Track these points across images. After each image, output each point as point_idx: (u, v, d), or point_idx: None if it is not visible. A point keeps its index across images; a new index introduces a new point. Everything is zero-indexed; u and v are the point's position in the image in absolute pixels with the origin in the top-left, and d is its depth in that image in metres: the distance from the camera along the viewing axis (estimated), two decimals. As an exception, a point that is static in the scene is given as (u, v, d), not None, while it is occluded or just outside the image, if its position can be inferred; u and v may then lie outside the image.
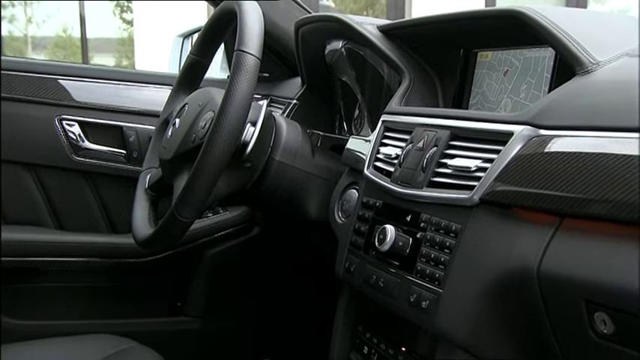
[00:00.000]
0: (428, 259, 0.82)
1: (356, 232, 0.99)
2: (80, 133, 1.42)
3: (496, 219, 0.75)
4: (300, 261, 1.54)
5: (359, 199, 1.02)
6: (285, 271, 1.57)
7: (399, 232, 0.88)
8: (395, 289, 0.87)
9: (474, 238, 0.77)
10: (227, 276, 1.54)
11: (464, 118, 0.86)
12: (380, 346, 0.94)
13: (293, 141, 1.15)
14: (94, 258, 1.40)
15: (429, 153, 0.87)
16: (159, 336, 1.40)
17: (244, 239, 1.54)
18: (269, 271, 1.57)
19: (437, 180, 0.85)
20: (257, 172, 1.13)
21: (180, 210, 0.98)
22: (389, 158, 0.97)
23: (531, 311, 0.70)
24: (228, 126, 0.94)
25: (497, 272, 0.73)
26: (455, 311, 0.77)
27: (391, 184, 0.92)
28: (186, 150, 1.06)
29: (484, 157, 0.79)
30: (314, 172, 1.16)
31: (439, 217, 0.83)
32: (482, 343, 0.76)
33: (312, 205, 1.16)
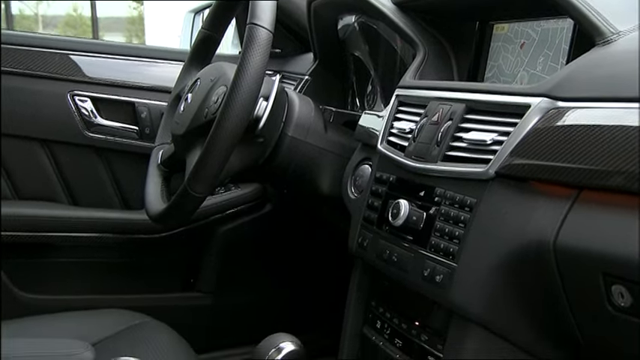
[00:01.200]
0: (442, 234, 0.82)
1: (369, 207, 0.99)
2: (92, 108, 1.42)
3: (512, 193, 0.74)
4: (312, 237, 1.55)
5: (372, 174, 1.02)
6: (297, 247, 1.58)
7: (413, 207, 0.87)
8: (408, 264, 0.86)
9: (490, 212, 0.76)
10: (239, 252, 1.54)
11: (480, 90, 0.84)
12: (393, 320, 0.94)
13: (306, 116, 1.14)
14: (106, 234, 1.41)
15: (443, 127, 0.86)
16: (172, 311, 1.41)
17: (256, 216, 1.54)
18: (281, 247, 1.57)
19: (452, 154, 0.84)
20: (269, 147, 1.12)
21: (193, 185, 0.98)
22: (403, 133, 0.96)
23: (547, 285, 0.70)
24: (241, 100, 0.93)
25: (512, 246, 0.73)
26: (469, 285, 0.77)
27: (405, 159, 0.91)
28: (199, 125, 1.06)
29: (500, 130, 0.78)
30: (327, 148, 1.15)
31: (454, 192, 0.82)
32: (497, 318, 0.76)
33: (325, 181, 1.16)
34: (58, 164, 1.40)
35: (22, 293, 1.35)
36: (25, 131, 1.36)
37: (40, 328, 1.13)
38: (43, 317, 1.19)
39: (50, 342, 0.80)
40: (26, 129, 1.37)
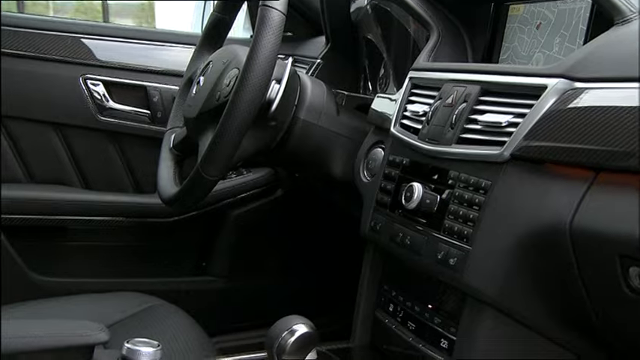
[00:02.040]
0: (456, 217, 0.81)
1: (382, 191, 0.98)
2: (105, 92, 1.42)
3: (527, 175, 0.74)
4: (323, 221, 1.54)
5: (385, 157, 1.01)
6: (309, 231, 1.58)
7: (427, 190, 0.87)
8: (422, 247, 0.86)
9: (505, 195, 0.76)
10: (251, 236, 1.54)
11: (495, 72, 0.83)
12: (406, 303, 0.94)
13: (318, 99, 1.14)
14: (119, 217, 1.41)
15: (458, 109, 0.85)
16: (184, 295, 1.42)
17: (268, 201, 1.54)
18: (292, 231, 1.57)
19: (466, 136, 0.83)
20: (282, 131, 1.12)
21: (205, 168, 0.98)
22: (416, 115, 0.95)
23: (562, 268, 0.69)
24: (254, 82, 0.93)
25: (528, 229, 0.72)
26: (484, 268, 0.76)
27: (419, 142, 0.91)
28: (211, 108, 1.06)
29: (516, 112, 0.77)
30: (339, 131, 1.15)
31: (468, 174, 0.81)
32: (512, 300, 0.75)
33: (337, 165, 1.15)
34: (70, 148, 1.41)
35: (36, 276, 1.36)
36: (39, 115, 1.37)
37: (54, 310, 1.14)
38: (57, 299, 1.20)
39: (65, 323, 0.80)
40: (40, 113, 1.37)
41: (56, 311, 1.13)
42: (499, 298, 0.76)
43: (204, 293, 1.52)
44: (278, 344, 0.79)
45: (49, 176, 1.40)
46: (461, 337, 0.81)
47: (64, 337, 0.75)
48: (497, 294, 0.75)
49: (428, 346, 0.87)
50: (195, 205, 1.14)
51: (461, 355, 0.80)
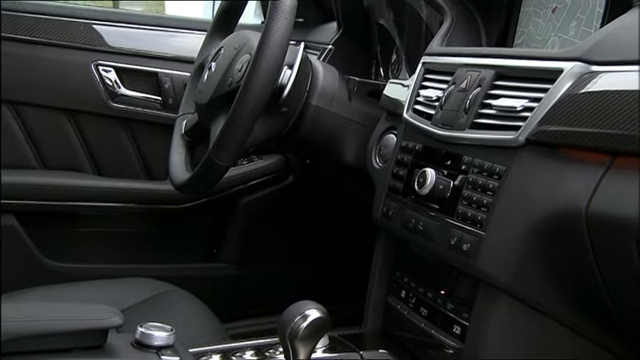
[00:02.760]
0: (470, 202, 0.81)
1: (394, 177, 0.98)
2: (116, 79, 1.42)
3: (542, 160, 0.73)
4: (335, 208, 1.54)
5: (397, 143, 1.01)
6: (320, 218, 1.58)
7: (440, 176, 0.86)
8: (435, 233, 0.86)
9: (519, 180, 0.75)
10: (262, 223, 1.55)
11: (510, 56, 0.83)
12: (418, 289, 0.94)
13: (330, 85, 1.13)
14: (130, 204, 1.42)
15: (472, 94, 0.84)
16: (196, 281, 1.42)
17: (278, 188, 1.54)
18: (304, 218, 1.57)
19: (480, 121, 0.82)
20: (293, 117, 1.11)
21: (217, 153, 0.98)
22: (429, 101, 0.94)
23: (578, 253, 0.69)
24: (266, 67, 0.93)
25: (542, 214, 0.71)
26: (498, 254, 0.76)
27: (432, 127, 0.90)
28: (223, 93, 1.05)
29: (531, 96, 0.76)
30: (351, 117, 1.14)
31: (482, 159, 0.80)
32: (526, 287, 0.75)
33: (349, 151, 1.15)
34: (82, 134, 1.41)
35: (49, 261, 1.37)
36: (51, 101, 1.37)
37: (67, 295, 1.15)
38: (70, 285, 1.21)
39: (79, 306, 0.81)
40: (52, 99, 1.37)
41: (69, 296, 1.14)
42: (513, 284, 0.75)
43: (216, 280, 1.52)
44: (290, 329, 0.79)
45: (62, 162, 1.40)
46: (474, 323, 0.81)
47: (78, 320, 0.75)
48: (511, 280, 0.75)
49: (440, 332, 0.87)
50: (207, 190, 1.14)
51: (474, 340, 0.80)
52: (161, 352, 0.79)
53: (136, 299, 1.16)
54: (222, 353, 0.90)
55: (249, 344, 0.93)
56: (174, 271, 1.46)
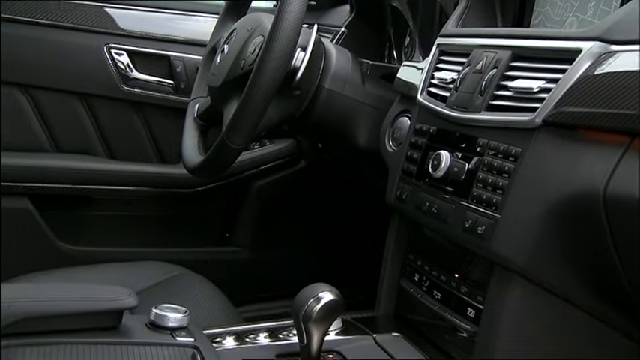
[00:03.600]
0: (485, 185, 0.80)
1: (408, 160, 0.97)
2: (129, 62, 1.42)
3: (559, 141, 0.72)
4: (347, 192, 1.54)
5: (411, 126, 1.00)
6: (333, 202, 1.57)
7: (454, 158, 0.86)
8: (449, 215, 0.85)
9: (535, 162, 0.74)
10: (274, 208, 1.55)
11: (526, 36, 0.81)
12: (432, 272, 0.94)
13: (343, 68, 1.12)
14: (143, 187, 1.42)
15: (488, 75, 0.83)
16: (208, 265, 1.43)
17: (291, 172, 1.54)
18: (316, 202, 1.57)
19: (496, 103, 0.81)
20: (306, 100, 1.11)
21: (230, 136, 0.98)
22: (444, 83, 0.94)
23: (595, 236, 0.68)
24: (279, 49, 0.92)
25: (559, 196, 0.71)
26: (513, 236, 0.75)
27: (446, 109, 0.89)
28: (236, 76, 1.05)
29: (548, 77, 0.75)
30: (364, 101, 1.14)
31: (498, 142, 0.80)
32: (541, 269, 0.74)
33: (362, 134, 1.14)
34: (95, 118, 1.41)
35: (63, 244, 1.38)
36: (64, 84, 1.37)
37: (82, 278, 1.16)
38: (84, 267, 1.22)
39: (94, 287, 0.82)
40: (65, 82, 1.37)
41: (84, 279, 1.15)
42: (528, 267, 0.75)
43: (229, 263, 1.53)
44: (304, 311, 0.79)
45: (75, 146, 1.41)
46: (488, 306, 0.80)
47: (94, 301, 0.76)
48: (527, 262, 0.75)
49: (454, 315, 0.87)
50: (220, 174, 1.14)
51: (488, 323, 0.80)
52: (175, 333, 0.80)
53: (149, 282, 1.17)
54: (236, 335, 0.90)
55: (262, 326, 0.93)
56: (186, 254, 1.46)
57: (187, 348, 0.77)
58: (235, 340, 0.89)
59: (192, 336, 0.80)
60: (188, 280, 1.22)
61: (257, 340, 0.89)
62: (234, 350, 0.87)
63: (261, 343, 0.89)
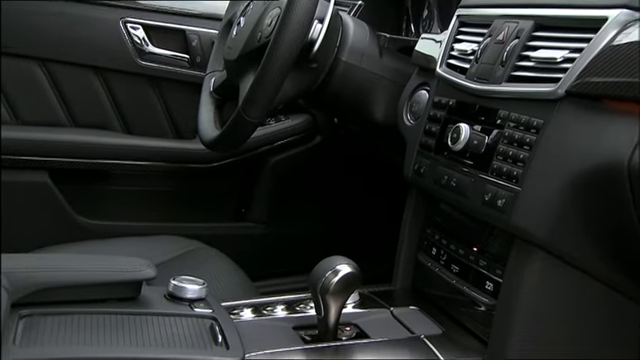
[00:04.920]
0: (505, 157, 0.79)
1: (426, 133, 0.96)
2: (144, 36, 1.41)
3: (583, 112, 0.71)
4: (363, 167, 1.53)
5: (430, 99, 0.99)
6: (348, 177, 1.57)
7: (474, 131, 0.85)
8: (468, 189, 0.84)
9: (558, 134, 0.73)
10: (290, 183, 1.55)
11: (550, 5, 0.80)
12: (450, 246, 0.93)
13: (360, 41, 1.11)
14: (159, 162, 1.42)
15: (509, 46, 0.82)
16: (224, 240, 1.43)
17: (306, 147, 1.53)
18: (332, 178, 1.57)
19: (517, 74, 0.80)
20: (323, 73, 1.10)
21: (247, 110, 0.97)
22: (464, 54, 0.92)
23: (618, 206, 0.67)
24: (296, 21, 0.91)
25: (582, 168, 0.70)
26: (534, 209, 0.74)
27: (466, 81, 0.88)
28: (252, 49, 1.04)
29: (572, 46, 0.74)
30: (382, 74, 1.12)
31: (519, 113, 0.79)
32: (562, 241, 0.74)
33: (379, 108, 1.13)
34: (112, 92, 1.41)
35: (81, 218, 1.39)
36: (80, 58, 1.37)
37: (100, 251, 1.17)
38: (102, 241, 1.23)
39: (114, 259, 0.82)
40: (81, 56, 1.37)
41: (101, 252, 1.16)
42: (549, 239, 0.74)
43: (244, 239, 1.53)
44: (322, 284, 0.79)
45: (92, 120, 1.41)
46: (507, 279, 0.80)
47: (113, 272, 0.76)
48: (547, 235, 0.74)
49: (472, 289, 0.87)
50: (237, 148, 1.14)
51: (507, 297, 0.79)
52: (194, 305, 0.80)
53: (167, 256, 1.18)
54: (254, 307, 0.90)
55: (279, 299, 0.94)
56: (202, 229, 1.47)
57: (205, 319, 0.78)
58: (253, 313, 0.89)
59: (210, 307, 0.80)
60: (205, 254, 1.23)
61: (274, 313, 0.90)
62: (251, 322, 0.87)
63: (279, 316, 0.89)
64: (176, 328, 0.74)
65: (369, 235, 1.57)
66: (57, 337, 0.67)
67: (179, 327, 0.74)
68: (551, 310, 0.77)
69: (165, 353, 0.69)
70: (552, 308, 0.77)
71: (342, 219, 1.59)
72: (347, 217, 1.60)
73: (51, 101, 1.37)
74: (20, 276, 0.69)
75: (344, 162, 1.55)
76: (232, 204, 1.56)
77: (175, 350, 0.70)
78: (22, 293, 0.69)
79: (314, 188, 1.58)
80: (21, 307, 0.69)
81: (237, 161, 1.48)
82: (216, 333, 0.74)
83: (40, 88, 1.36)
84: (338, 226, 1.59)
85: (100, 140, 1.38)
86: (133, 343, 0.69)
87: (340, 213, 1.60)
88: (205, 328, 0.75)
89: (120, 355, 0.67)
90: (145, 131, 1.44)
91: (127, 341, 0.69)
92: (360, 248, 1.42)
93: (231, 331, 0.76)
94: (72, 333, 0.68)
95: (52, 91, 1.37)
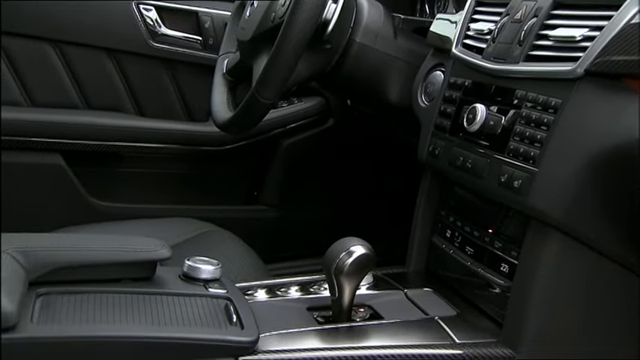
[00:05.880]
0: (522, 138, 0.78)
1: (441, 114, 0.96)
2: (157, 17, 1.40)
3: (602, 91, 0.70)
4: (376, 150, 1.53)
5: (445, 80, 0.98)
6: (361, 160, 1.56)
7: (490, 111, 0.84)
8: (484, 170, 0.84)
9: (576, 113, 0.72)
10: (303, 166, 1.54)
11: (569, -17, 0.78)
12: (464, 228, 0.93)
13: (374, 22, 1.10)
14: (172, 145, 1.42)
15: (527, 24, 0.81)
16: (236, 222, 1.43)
17: (319, 130, 1.53)
18: (345, 161, 1.56)
19: (535, 53, 0.79)
20: (337, 54, 1.09)
21: (260, 90, 0.97)
22: (480, 34, 0.91)
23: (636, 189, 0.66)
24: (310, 1, 0.90)
25: (600, 148, 0.69)
26: (551, 190, 0.74)
27: (483, 61, 0.87)
28: (266, 29, 1.03)
29: (592, 24, 0.73)
30: (396, 55, 1.11)
31: (536, 93, 0.78)
32: (579, 223, 0.73)
33: (394, 90, 1.12)
34: (124, 74, 1.41)
35: (95, 200, 1.40)
36: (93, 40, 1.37)
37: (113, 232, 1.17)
38: (115, 223, 1.23)
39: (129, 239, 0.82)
40: (94, 38, 1.37)
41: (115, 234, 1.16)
42: (565, 220, 0.73)
43: (257, 222, 1.53)
44: (336, 265, 0.79)
45: (105, 103, 1.41)
46: (523, 261, 0.79)
47: (129, 251, 0.77)
48: (564, 216, 0.73)
49: (487, 270, 0.86)
50: (250, 129, 1.14)
51: (523, 278, 0.79)
52: (208, 285, 0.80)
53: (180, 238, 1.18)
54: (268, 288, 0.91)
55: (293, 280, 0.94)
56: (215, 212, 1.47)
57: (220, 299, 0.78)
58: (267, 294, 0.89)
59: (224, 288, 0.81)
60: (218, 236, 1.23)
61: (288, 294, 0.90)
62: (265, 303, 0.87)
63: (293, 297, 0.89)
64: (191, 308, 0.74)
65: (382, 218, 1.57)
66: (73, 315, 0.67)
67: (194, 307, 0.75)
68: (567, 292, 0.77)
69: (181, 332, 0.69)
70: (568, 289, 0.76)
71: (355, 202, 1.59)
72: (360, 200, 1.59)
73: (64, 83, 1.37)
74: (38, 255, 0.70)
75: (357, 145, 1.55)
76: (244, 187, 1.56)
77: (191, 329, 0.70)
78: (39, 272, 0.69)
79: (326, 171, 1.57)
80: (38, 285, 0.70)
81: (249, 144, 1.48)
82: (231, 313, 0.75)
83: (54, 70, 1.36)
84: (350, 209, 1.58)
85: (113, 122, 1.38)
86: (149, 322, 0.70)
87: (353, 196, 1.59)
88: (220, 308, 0.76)
89: (137, 333, 0.68)
90: (158, 113, 1.44)
91: (143, 320, 0.70)
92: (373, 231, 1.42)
93: (246, 311, 0.76)
94: (88, 311, 0.69)
95: (65, 73, 1.37)
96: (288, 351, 0.74)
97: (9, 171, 1.31)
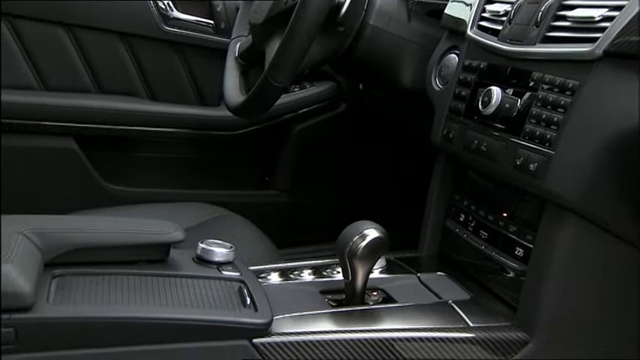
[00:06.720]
0: (538, 120, 0.77)
1: (456, 98, 0.95)
2: (169, 2, 1.40)
3: (621, 73, 0.69)
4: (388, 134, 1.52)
5: (460, 62, 0.97)
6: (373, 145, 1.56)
7: (506, 94, 0.83)
8: (499, 153, 0.83)
9: (594, 95, 0.71)
10: (314, 151, 1.54)
11: (588, -37, 0.77)
12: (478, 212, 0.92)
13: (388, 4, 1.09)
14: (183, 129, 1.42)
15: (544, 5, 0.80)
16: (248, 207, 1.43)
17: (331, 115, 1.52)
18: (357, 145, 1.55)
19: (552, 35, 0.78)
20: (350, 37, 1.08)
21: (273, 73, 0.97)
22: (496, 16, 0.90)
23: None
24: None
25: (618, 130, 0.68)
26: (567, 173, 0.73)
27: (499, 43, 0.86)
28: (279, 12, 1.03)
29: (611, 4, 0.72)
30: (410, 38, 1.10)
31: (553, 75, 0.77)
32: (596, 206, 0.73)
33: (407, 73, 1.11)
34: (137, 58, 1.41)
35: (107, 184, 1.40)
36: (106, 24, 1.36)
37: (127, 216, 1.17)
38: (128, 207, 1.24)
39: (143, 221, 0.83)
40: (107, 22, 1.36)
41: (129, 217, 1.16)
42: (582, 204, 0.73)
43: (269, 206, 1.53)
44: (349, 248, 0.79)
45: (117, 87, 1.40)
46: (539, 245, 0.79)
47: (143, 234, 0.77)
48: (581, 199, 0.73)
49: (501, 254, 0.86)
50: (263, 113, 1.13)
51: (538, 262, 0.78)
52: (222, 268, 0.81)
53: (193, 222, 1.18)
54: (281, 271, 0.91)
55: (307, 264, 0.94)
56: (227, 197, 1.47)
57: (234, 282, 0.78)
58: (280, 277, 0.90)
59: (238, 271, 0.81)
60: (231, 221, 1.23)
61: (301, 277, 0.90)
62: (279, 286, 0.87)
63: (306, 280, 0.89)
64: (205, 290, 0.74)
65: (395, 202, 1.56)
66: (89, 296, 0.68)
67: (208, 289, 0.75)
68: (582, 275, 0.76)
69: (196, 314, 0.70)
70: (583, 273, 0.76)
71: (368, 187, 1.59)
72: (372, 185, 1.59)
73: (77, 67, 1.37)
74: (53, 236, 0.70)
75: (369, 129, 1.54)
76: (256, 172, 1.56)
77: (205, 311, 0.70)
78: (54, 253, 0.70)
79: (339, 156, 1.57)
80: (54, 267, 0.70)
81: (261, 129, 1.47)
82: (245, 295, 0.75)
83: (66, 54, 1.36)
84: (363, 194, 1.58)
85: (125, 107, 1.38)
86: (163, 303, 0.70)
87: (366, 181, 1.59)
88: (234, 290, 0.76)
89: (151, 315, 0.68)
90: (170, 98, 1.44)
91: (158, 302, 0.70)
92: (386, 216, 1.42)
93: (259, 293, 0.76)
94: (103, 292, 0.69)
95: (77, 57, 1.37)
96: (301, 333, 0.74)
97: (22, 155, 1.32)
